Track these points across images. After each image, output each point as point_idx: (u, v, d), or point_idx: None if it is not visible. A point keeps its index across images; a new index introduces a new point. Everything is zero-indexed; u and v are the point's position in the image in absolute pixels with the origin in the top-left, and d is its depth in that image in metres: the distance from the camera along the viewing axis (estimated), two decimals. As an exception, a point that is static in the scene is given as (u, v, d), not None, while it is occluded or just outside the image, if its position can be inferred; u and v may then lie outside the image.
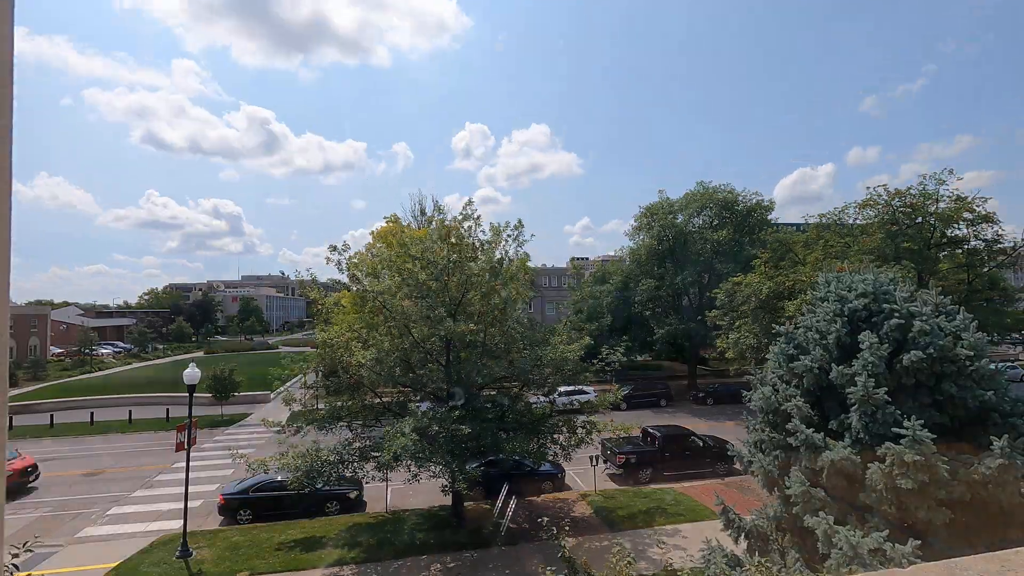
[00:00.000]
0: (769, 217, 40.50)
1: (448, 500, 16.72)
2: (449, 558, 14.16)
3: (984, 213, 24.92)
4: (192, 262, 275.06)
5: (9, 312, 1.04)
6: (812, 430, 7.25)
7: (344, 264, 15.87)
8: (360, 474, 15.14)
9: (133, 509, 18.13)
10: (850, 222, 28.99)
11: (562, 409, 17.59)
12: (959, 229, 26.16)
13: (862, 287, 7.98)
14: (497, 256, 16.03)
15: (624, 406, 29.78)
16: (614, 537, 14.77)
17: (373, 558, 14.17)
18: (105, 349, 67.67)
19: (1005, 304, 27.86)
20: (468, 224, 15.97)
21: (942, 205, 25.38)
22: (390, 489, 18.42)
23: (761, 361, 9.44)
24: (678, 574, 11.33)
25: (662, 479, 20.08)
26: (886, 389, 6.77)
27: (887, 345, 7.14)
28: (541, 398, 17.02)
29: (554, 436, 16.01)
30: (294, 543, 15.06)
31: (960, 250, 27.28)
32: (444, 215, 18.01)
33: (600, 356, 16.41)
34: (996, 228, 25.47)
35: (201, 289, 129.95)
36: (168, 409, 32.46)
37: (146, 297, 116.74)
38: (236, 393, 33.27)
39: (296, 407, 16.78)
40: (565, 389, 19.89)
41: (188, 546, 14.38)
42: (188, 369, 15.35)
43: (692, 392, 37.86)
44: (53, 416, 30.89)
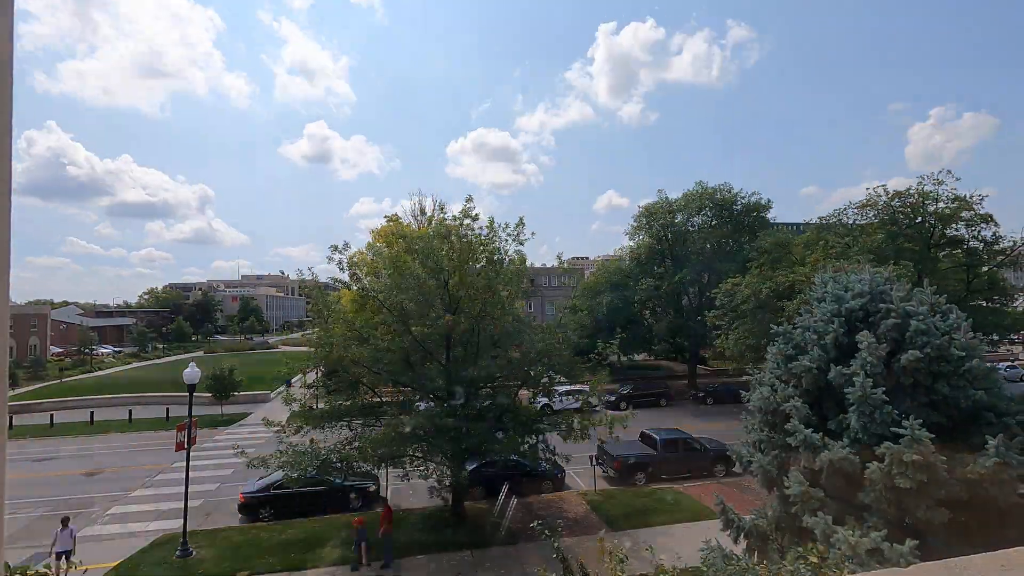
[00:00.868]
0: (768, 216, 40.48)
1: (448, 500, 16.72)
2: (448, 557, 14.17)
3: (982, 213, 24.96)
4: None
5: (9, 312, 1.04)
6: (811, 430, 7.26)
7: (345, 263, 15.89)
8: (360, 471, 15.12)
9: (133, 509, 18.14)
10: (850, 222, 29.03)
11: (559, 408, 17.57)
12: (958, 229, 26.20)
13: (859, 287, 8.00)
14: (497, 255, 16.03)
15: (623, 406, 29.86)
16: (614, 536, 14.77)
17: (373, 558, 14.17)
18: (105, 349, 67.68)
19: (1004, 304, 27.88)
20: (468, 222, 15.97)
21: (941, 205, 25.42)
22: (390, 489, 18.43)
23: (760, 361, 9.45)
24: (678, 574, 11.32)
25: (659, 483, 19.98)
26: (884, 389, 6.78)
27: (885, 345, 7.16)
28: (541, 398, 16.99)
29: (547, 436, 15.96)
30: (294, 543, 15.06)
31: (959, 250, 27.32)
32: (445, 214, 18.02)
33: (597, 351, 16.39)
34: (995, 228, 25.52)
35: (201, 289, 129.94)
36: (168, 409, 32.47)
37: (146, 297, 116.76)
38: (236, 393, 33.29)
39: (296, 406, 16.78)
40: (563, 389, 19.85)
41: (188, 546, 14.39)
42: (188, 369, 15.35)
43: (692, 392, 37.86)
44: (53, 416, 30.89)
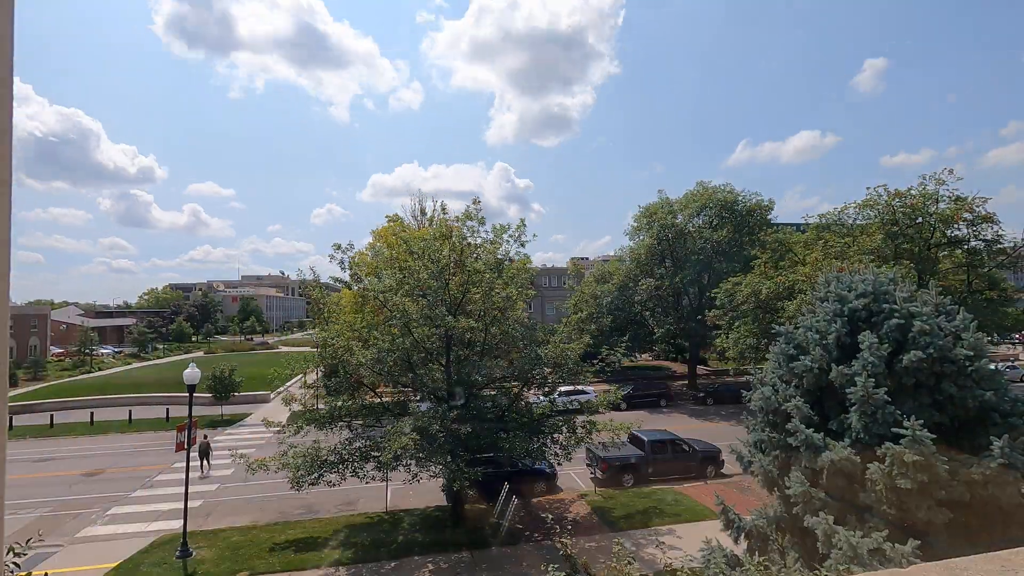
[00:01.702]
0: (769, 217, 40.49)
1: (447, 500, 16.72)
2: (448, 558, 14.16)
3: (984, 213, 24.94)
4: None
5: (9, 312, 1.04)
6: (812, 430, 7.25)
7: (347, 263, 15.90)
8: (360, 474, 15.14)
9: (133, 509, 18.13)
10: (850, 222, 29.02)
11: (562, 409, 17.55)
12: (959, 229, 26.18)
13: (862, 287, 7.98)
14: (499, 255, 16.03)
15: (624, 406, 29.81)
16: (614, 537, 14.74)
17: (372, 558, 14.17)
18: (105, 349, 67.69)
19: (1005, 304, 27.86)
20: (471, 223, 15.96)
21: (942, 205, 25.40)
22: (390, 489, 18.42)
23: (761, 361, 9.45)
24: (678, 574, 11.32)
25: (647, 485, 19.80)
26: (886, 389, 6.76)
27: (887, 345, 7.14)
28: (541, 398, 16.99)
29: (554, 436, 16.01)
30: (294, 543, 15.06)
31: (960, 250, 27.30)
32: (447, 215, 17.99)
33: (600, 356, 16.40)
34: (996, 228, 25.50)
35: (201, 289, 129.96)
36: (168, 409, 32.46)
37: (146, 297, 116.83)
38: (236, 393, 33.29)
39: (296, 407, 16.79)
40: (565, 389, 19.82)
41: (188, 546, 14.37)
42: (188, 369, 15.34)
43: (692, 392, 37.86)
44: (53, 416, 30.90)
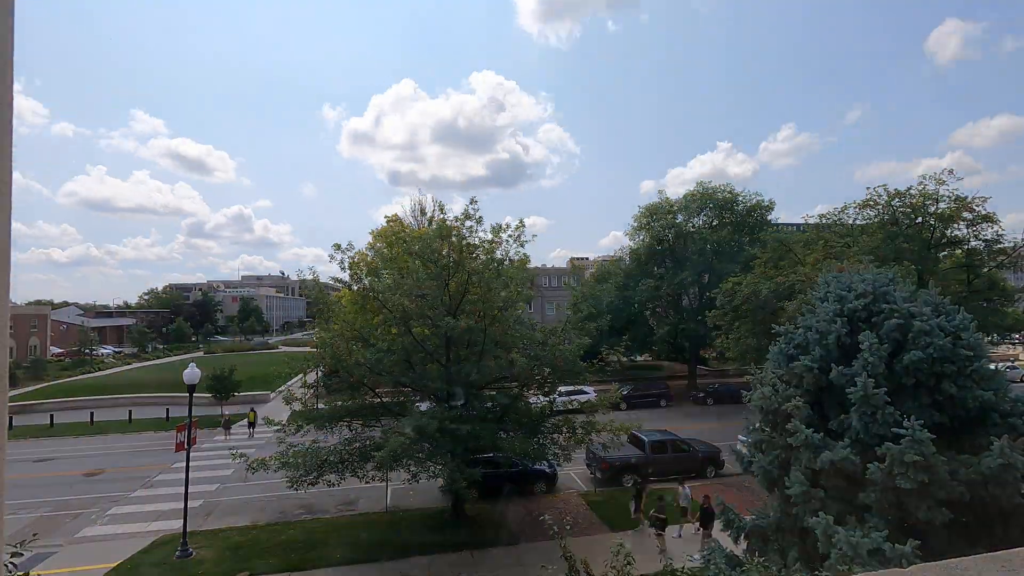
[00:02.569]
0: (769, 217, 40.53)
1: (447, 500, 16.72)
2: (448, 558, 14.16)
3: (984, 213, 24.96)
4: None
5: (9, 312, 1.04)
6: (812, 430, 7.24)
7: (346, 263, 15.90)
8: (360, 474, 15.15)
9: (133, 509, 18.14)
10: (850, 222, 29.03)
11: (562, 409, 17.55)
12: (959, 229, 26.19)
13: (862, 287, 7.98)
14: (498, 255, 16.02)
15: (623, 406, 29.82)
16: (614, 537, 14.77)
17: (373, 558, 14.17)
18: (105, 349, 67.70)
19: (1005, 304, 27.87)
20: (470, 224, 15.96)
21: (942, 205, 25.41)
22: (390, 489, 18.42)
23: (761, 361, 9.44)
24: (678, 574, 11.34)
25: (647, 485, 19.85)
26: (886, 389, 6.76)
27: (887, 345, 7.14)
28: (541, 398, 16.99)
29: (554, 436, 16.00)
30: (294, 543, 15.06)
31: (960, 250, 27.32)
32: (446, 215, 17.97)
33: (600, 356, 16.39)
34: (996, 228, 25.51)
35: (201, 289, 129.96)
36: (168, 409, 32.48)
37: (146, 297, 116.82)
38: (236, 393, 33.28)
39: (296, 406, 16.79)
40: (565, 389, 19.81)
41: (188, 546, 14.38)
42: (188, 369, 15.35)
43: (692, 392, 37.84)
44: (53, 416, 30.90)
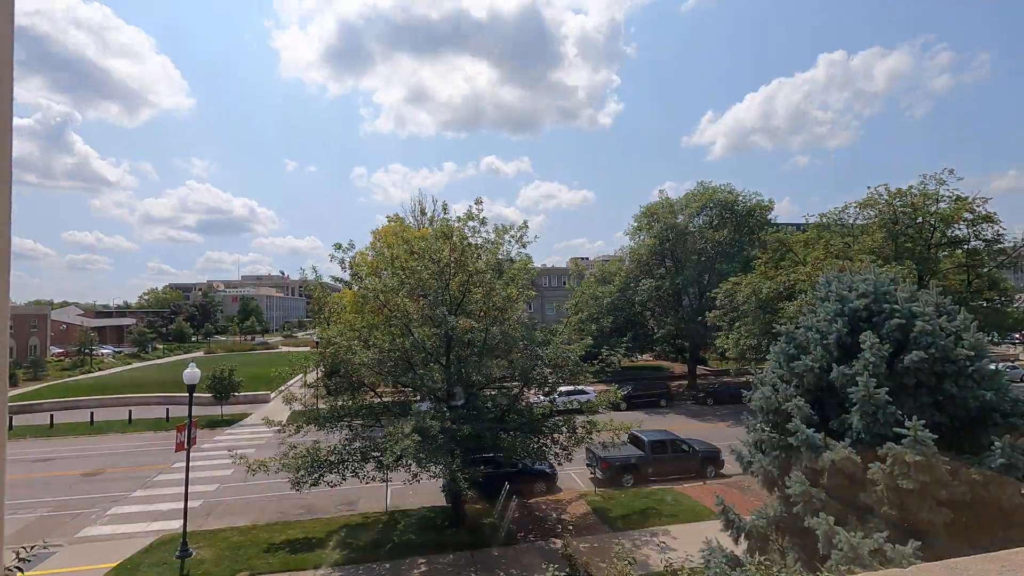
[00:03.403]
0: (769, 217, 40.52)
1: (447, 501, 16.71)
2: (448, 558, 14.16)
3: (984, 213, 24.94)
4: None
5: (9, 312, 1.03)
6: (812, 430, 7.24)
7: (347, 263, 15.90)
8: (360, 474, 15.15)
9: (133, 509, 18.13)
10: (850, 222, 29.01)
11: (562, 409, 17.55)
12: (959, 229, 26.18)
13: (863, 287, 7.98)
14: (500, 256, 16.02)
15: (624, 406, 29.80)
16: (613, 537, 14.76)
17: (372, 558, 14.16)
18: (105, 349, 67.69)
19: (1005, 304, 27.86)
20: (473, 224, 15.95)
21: (942, 205, 25.40)
22: (390, 489, 18.41)
23: (761, 361, 9.44)
24: (678, 574, 11.31)
25: (647, 485, 19.81)
26: (887, 389, 6.76)
27: (888, 345, 7.14)
28: (541, 398, 16.99)
29: (554, 436, 16.00)
30: (294, 543, 15.06)
31: (960, 250, 27.30)
32: (448, 215, 17.93)
33: (600, 356, 16.39)
34: (996, 228, 25.49)
35: (201, 289, 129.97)
36: (168, 409, 32.47)
37: (146, 297, 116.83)
38: (236, 393, 33.29)
39: (296, 406, 16.78)
40: (565, 389, 19.81)
41: (188, 546, 14.37)
42: (188, 369, 15.33)
43: (692, 392, 37.84)
44: (53, 416, 30.89)
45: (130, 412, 32.03)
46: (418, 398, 17.04)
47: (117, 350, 70.20)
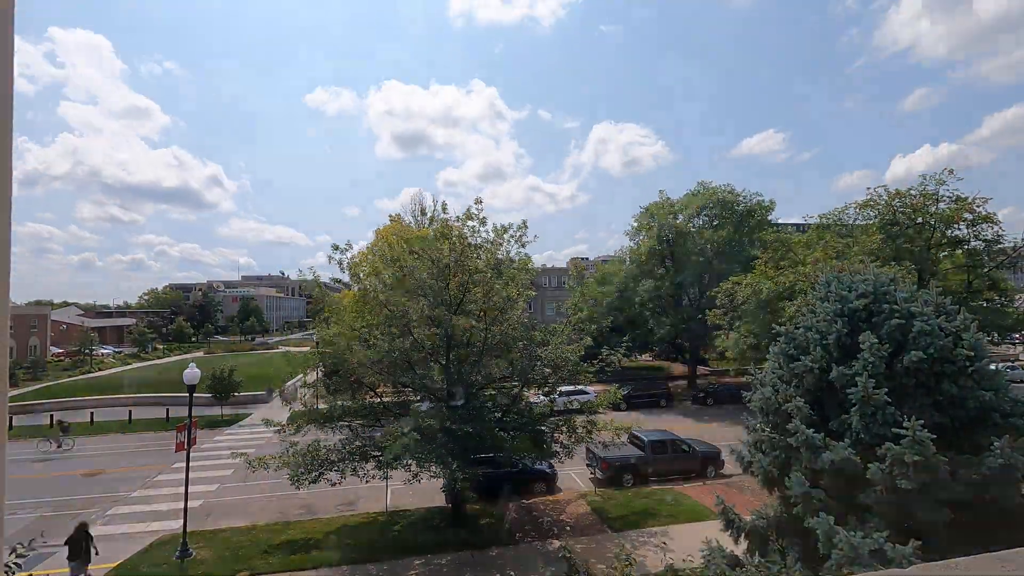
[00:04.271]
0: (769, 217, 40.52)
1: (447, 501, 16.71)
2: (448, 558, 14.16)
3: (984, 213, 24.95)
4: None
5: (9, 312, 1.03)
6: (812, 430, 7.24)
7: (346, 263, 15.91)
8: (360, 473, 15.15)
9: (133, 509, 18.13)
10: (850, 222, 29.03)
11: (562, 409, 17.56)
12: (959, 229, 26.19)
13: (862, 287, 7.98)
14: (500, 256, 16.02)
15: (623, 406, 29.81)
16: (613, 537, 14.76)
17: (373, 558, 14.16)
18: (105, 349, 67.68)
19: (1005, 304, 27.86)
20: (472, 223, 15.94)
21: (942, 206, 25.41)
22: (390, 489, 18.41)
23: (761, 361, 9.44)
24: (678, 574, 11.31)
25: (647, 485, 19.80)
26: (886, 389, 6.76)
27: (888, 345, 7.14)
28: (541, 397, 16.99)
29: (554, 436, 16.01)
30: (294, 543, 15.06)
31: (960, 250, 27.31)
32: (448, 214, 17.85)
33: (600, 356, 16.39)
34: (996, 228, 25.51)
35: (201, 289, 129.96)
36: (168, 409, 32.45)
37: (146, 297, 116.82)
38: (236, 393, 33.29)
39: (296, 406, 16.79)
40: (565, 389, 19.81)
41: (188, 546, 14.37)
42: (188, 369, 15.33)
43: (692, 392, 37.84)
44: (53, 416, 30.88)
45: (130, 412, 32.03)
46: (418, 398, 17.04)
47: (117, 350, 70.20)
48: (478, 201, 15.99)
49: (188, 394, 15.81)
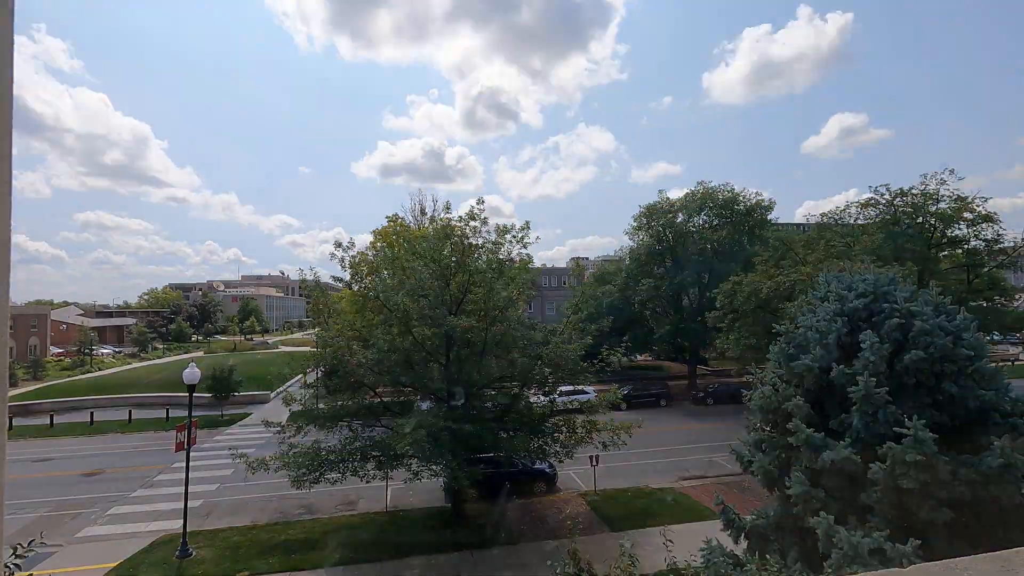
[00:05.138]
0: (769, 217, 40.49)
1: (447, 500, 16.72)
2: (448, 558, 14.16)
3: (984, 213, 24.97)
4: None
5: (9, 312, 1.04)
6: (812, 430, 7.24)
7: (347, 262, 15.89)
8: (360, 473, 15.14)
9: (133, 509, 18.13)
10: (851, 222, 29.04)
11: (562, 409, 17.57)
12: (960, 229, 26.21)
13: (862, 287, 7.98)
14: (501, 256, 16.02)
15: (624, 406, 29.79)
16: (614, 536, 14.76)
17: (373, 558, 14.17)
18: (105, 349, 67.68)
19: (1005, 304, 27.88)
20: (474, 224, 15.94)
21: (943, 205, 25.43)
22: (390, 489, 18.42)
23: (761, 361, 9.44)
24: (678, 574, 11.31)
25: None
26: (886, 389, 6.76)
27: (888, 345, 7.13)
28: (541, 397, 16.98)
29: (554, 436, 16.00)
30: (294, 543, 15.06)
31: (960, 250, 27.33)
32: (450, 214, 17.84)
33: (600, 356, 16.39)
34: (996, 228, 25.53)
35: (201, 289, 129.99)
36: (168, 409, 32.47)
37: (146, 297, 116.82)
38: (236, 393, 33.29)
39: (296, 407, 16.77)
40: (565, 389, 19.82)
41: (188, 546, 14.38)
42: (188, 369, 15.34)
43: (692, 392, 37.84)
44: (53, 416, 30.89)
45: (130, 412, 32.04)
46: (418, 398, 17.04)
47: (117, 350, 70.17)
48: (480, 201, 16.01)
49: (188, 394, 15.81)
